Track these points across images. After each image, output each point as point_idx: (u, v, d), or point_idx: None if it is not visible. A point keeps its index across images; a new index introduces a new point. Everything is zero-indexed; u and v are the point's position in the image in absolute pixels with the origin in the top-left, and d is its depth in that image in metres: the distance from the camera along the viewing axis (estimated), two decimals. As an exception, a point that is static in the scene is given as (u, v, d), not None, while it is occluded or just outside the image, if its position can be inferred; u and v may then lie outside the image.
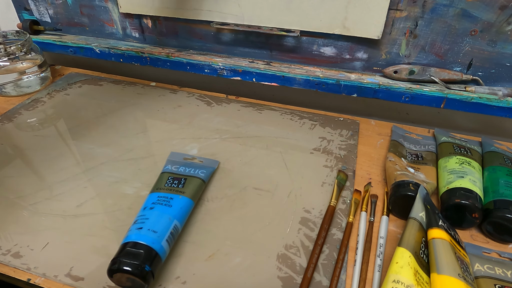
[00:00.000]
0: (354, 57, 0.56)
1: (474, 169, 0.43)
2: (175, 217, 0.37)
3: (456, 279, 0.31)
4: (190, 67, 0.64)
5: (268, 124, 0.57)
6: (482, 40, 0.49)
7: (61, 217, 0.41)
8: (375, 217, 0.42)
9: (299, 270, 0.36)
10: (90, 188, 0.45)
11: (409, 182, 0.41)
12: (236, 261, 0.37)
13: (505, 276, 0.35)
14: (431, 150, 0.49)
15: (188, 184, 0.41)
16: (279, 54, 0.61)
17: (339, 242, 0.39)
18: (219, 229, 0.40)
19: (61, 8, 0.68)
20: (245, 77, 0.61)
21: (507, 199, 0.39)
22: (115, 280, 0.33)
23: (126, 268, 0.31)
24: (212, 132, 0.55)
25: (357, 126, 0.57)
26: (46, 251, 0.37)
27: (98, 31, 0.69)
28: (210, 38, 0.62)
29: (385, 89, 0.55)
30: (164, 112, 0.59)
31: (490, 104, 0.51)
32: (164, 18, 0.63)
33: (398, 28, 0.52)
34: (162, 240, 0.34)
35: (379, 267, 0.36)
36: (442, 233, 0.34)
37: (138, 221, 0.35)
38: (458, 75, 0.52)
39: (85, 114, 0.59)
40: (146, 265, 0.32)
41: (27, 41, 0.62)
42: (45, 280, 0.35)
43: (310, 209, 0.43)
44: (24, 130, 0.55)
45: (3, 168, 0.48)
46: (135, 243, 0.33)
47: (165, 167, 0.44)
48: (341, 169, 0.48)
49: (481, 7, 0.47)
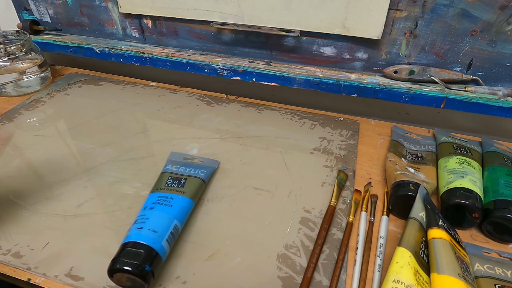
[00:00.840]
0: (354, 57, 0.56)
1: (474, 169, 0.43)
2: (175, 217, 0.37)
3: (456, 279, 0.31)
4: (190, 67, 0.63)
5: (268, 124, 0.57)
6: (482, 40, 0.49)
7: (61, 217, 0.41)
8: (375, 217, 0.42)
9: (299, 270, 0.36)
10: (90, 188, 0.45)
11: (409, 182, 0.41)
12: (236, 261, 0.37)
13: (505, 276, 0.35)
14: (431, 150, 0.49)
15: (188, 184, 0.41)
16: (279, 54, 0.61)
17: (339, 242, 0.39)
18: (219, 229, 0.40)
19: (61, 8, 0.68)
20: (245, 77, 0.61)
21: (507, 199, 0.39)
22: (115, 280, 0.33)
23: (126, 268, 0.31)
24: (212, 132, 0.55)
25: (357, 126, 0.57)
26: (46, 251, 0.38)
27: (98, 31, 0.69)
28: (210, 38, 0.62)
29: (385, 89, 0.55)
30: (164, 112, 0.59)
31: (490, 104, 0.51)
32: (164, 18, 0.63)
33: (398, 28, 0.52)
34: (162, 240, 0.34)
35: (379, 267, 0.36)
36: (442, 233, 0.34)
37: (138, 221, 0.35)
38: (458, 75, 0.52)
39: (85, 114, 0.59)
40: (147, 265, 0.32)
41: (27, 41, 0.62)
42: (45, 280, 0.35)
43: (310, 209, 0.43)
44: (24, 130, 0.55)
45: (3, 168, 0.48)
46: (135, 243, 0.33)
47: (165, 167, 0.44)
48: (341, 169, 0.48)
49: (481, 7, 0.47)
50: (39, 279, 0.35)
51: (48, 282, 0.35)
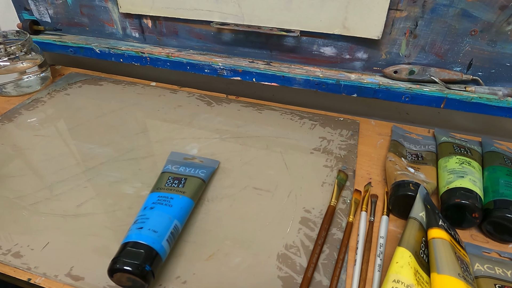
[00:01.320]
0: (354, 57, 0.56)
1: (474, 169, 0.43)
2: (176, 217, 0.37)
3: (456, 279, 0.31)
4: (190, 67, 0.64)
5: (268, 124, 0.57)
6: (482, 40, 0.49)
7: (61, 217, 0.41)
8: (375, 217, 0.42)
9: (299, 270, 0.36)
10: (90, 188, 0.45)
11: (409, 182, 0.41)
12: (236, 261, 0.37)
13: (505, 276, 0.35)
14: (431, 150, 0.49)
15: (189, 184, 0.41)
16: (279, 54, 0.61)
17: (339, 242, 0.39)
18: (219, 229, 0.40)
19: (61, 8, 0.68)
20: (245, 77, 0.61)
21: (507, 199, 0.39)
22: (116, 280, 0.33)
23: (126, 267, 0.31)
24: (212, 132, 0.55)
25: (357, 126, 0.57)
26: (46, 251, 0.38)
27: (98, 31, 0.69)
28: (210, 38, 0.62)
29: (385, 89, 0.55)
30: (164, 112, 0.59)
31: (490, 104, 0.51)
32: (164, 18, 0.63)
33: (398, 28, 0.52)
34: (163, 240, 0.34)
35: (379, 267, 0.36)
36: (442, 233, 0.34)
37: (138, 221, 0.35)
38: (458, 75, 0.52)
39: (85, 114, 0.59)
40: (147, 264, 0.32)
41: (27, 41, 0.62)
42: (45, 280, 0.35)
43: (310, 209, 0.43)
44: (24, 130, 0.55)
45: (3, 168, 0.48)
46: (135, 243, 0.33)
47: (165, 167, 0.44)
48: (341, 169, 0.48)
49: (481, 7, 0.47)
50: (39, 279, 0.35)
51: (48, 282, 0.35)
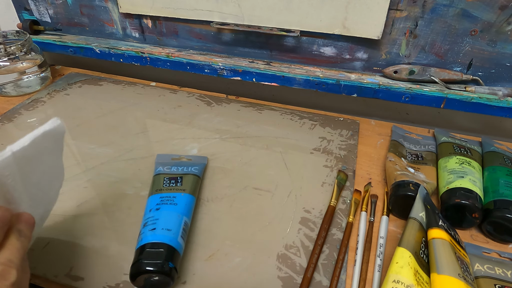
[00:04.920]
0: (354, 57, 0.56)
1: (474, 169, 0.43)
2: (183, 213, 0.37)
3: (456, 279, 0.31)
4: (190, 67, 0.63)
5: (268, 124, 0.57)
6: (482, 40, 0.49)
7: (61, 217, 0.41)
8: (375, 217, 0.42)
9: (299, 270, 0.36)
10: (90, 188, 0.45)
11: (409, 182, 0.41)
12: (236, 261, 0.37)
13: (505, 276, 0.35)
14: (431, 150, 0.49)
15: (186, 182, 0.41)
16: (279, 54, 0.60)
17: (339, 242, 0.39)
18: (219, 229, 0.40)
19: (61, 8, 0.68)
20: (245, 77, 0.61)
21: (507, 199, 0.39)
22: (137, 284, 0.32)
23: (150, 268, 0.31)
24: (212, 132, 0.55)
25: (357, 126, 0.57)
26: (46, 251, 0.37)
27: (98, 31, 0.69)
28: (210, 38, 0.62)
29: (385, 89, 0.55)
30: (164, 112, 0.59)
31: (490, 104, 0.51)
32: (164, 18, 0.63)
33: (398, 28, 0.52)
34: (177, 236, 0.35)
35: (379, 267, 0.36)
36: (442, 233, 0.34)
37: (148, 223, 0.35)
38: (458, 75, 0.52)
39: (85, 114, 0.59)
40: (169, 262, 0.32)
41: (27, 41, 0.62)
42: (45, 280, 0.35)
43: (310, 209, 0.43)
44: (24, 130, 0.55)
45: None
46: (153, 244, 0.33)
47: (157, 169, 0.44)
48: (341, 169, 0.48)
49: (481, 7, 0.47)
50: (39, 279, 0.35)
51: (48, 282, 0.35)
